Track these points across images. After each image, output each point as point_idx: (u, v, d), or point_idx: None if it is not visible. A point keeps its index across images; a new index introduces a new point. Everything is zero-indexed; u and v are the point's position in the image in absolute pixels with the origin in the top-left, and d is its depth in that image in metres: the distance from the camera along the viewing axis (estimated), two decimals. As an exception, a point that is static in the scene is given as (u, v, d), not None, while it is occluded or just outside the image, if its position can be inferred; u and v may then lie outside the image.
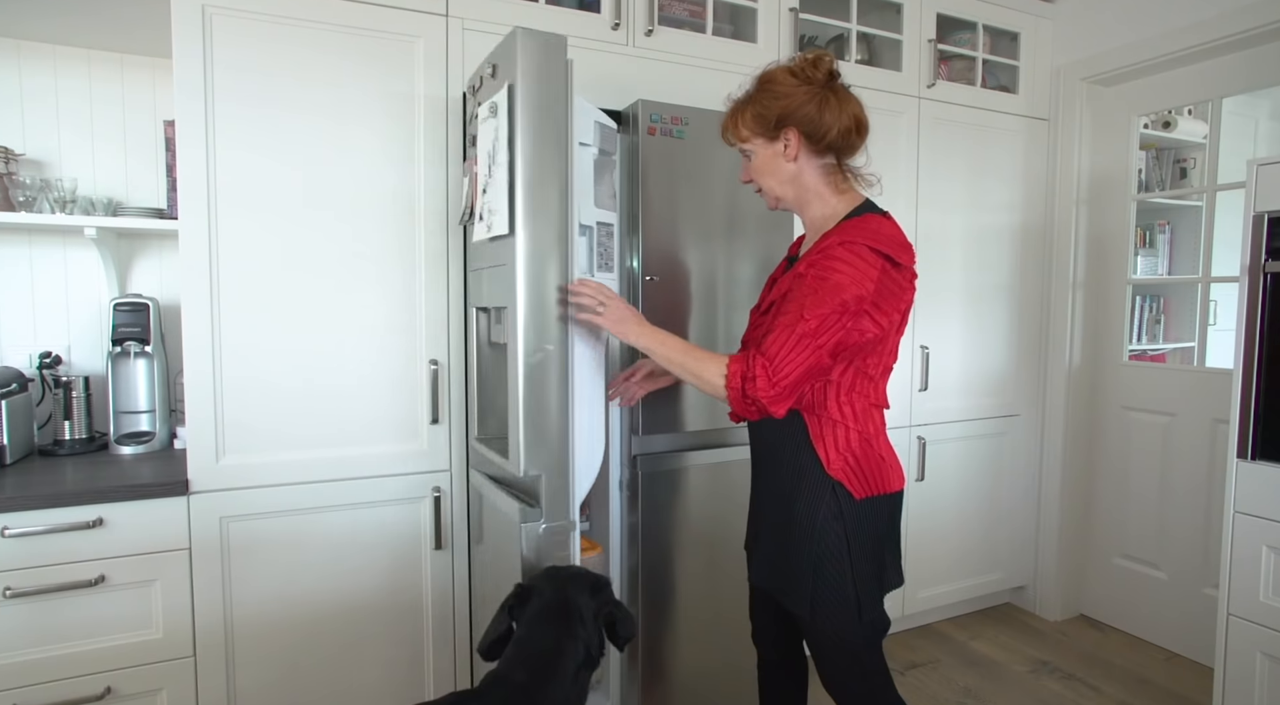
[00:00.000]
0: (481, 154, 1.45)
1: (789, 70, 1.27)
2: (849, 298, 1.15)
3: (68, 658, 1.44)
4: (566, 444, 1.37)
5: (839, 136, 1.25)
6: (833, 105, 1.25)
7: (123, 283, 1.92)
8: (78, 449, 1.76)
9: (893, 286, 1.19)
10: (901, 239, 1.23)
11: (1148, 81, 2.46)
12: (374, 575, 1.71)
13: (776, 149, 1.28)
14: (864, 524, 1.24)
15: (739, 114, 1.31)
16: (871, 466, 1.25)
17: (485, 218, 1.43)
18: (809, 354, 1.16)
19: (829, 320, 1.16)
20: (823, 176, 1.29)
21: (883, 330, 1.20)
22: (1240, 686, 1.61)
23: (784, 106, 1.25)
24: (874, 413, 1.27)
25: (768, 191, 1.34)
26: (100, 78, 1.88)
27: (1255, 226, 1.58)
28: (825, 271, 1.18)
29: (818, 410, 1.25)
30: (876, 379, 1.27)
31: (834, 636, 1.27)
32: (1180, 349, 2.89)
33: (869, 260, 1.17)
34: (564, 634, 1.17)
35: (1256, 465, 1.59)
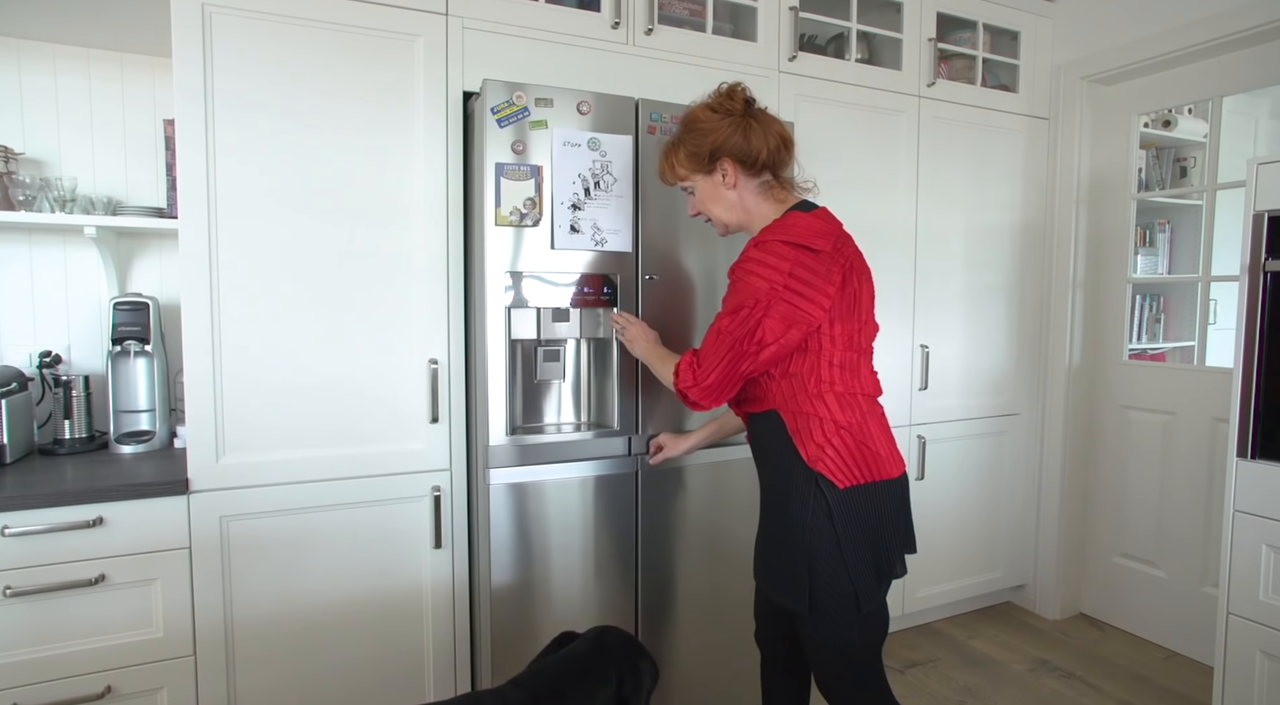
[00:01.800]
0: (571, 174, 1.65)
1: (709, 108, 1.37)
2: (761, 295, 1.23)
3: (68, 657, 1.45)
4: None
5: (770, 156, 1.34)
6: (756, 130, 1.33)
7: (123, 282, 1.92)
8: (78, 448, 1.76)
9: (816, 270, 1.23)
10: (819, 228, 1.27)
11: (1148, 80, 2.46)
12: (374, 574, 1.71)
13: (715, 180, 1.37)
14: (853, 513, 1.25)
15: (672, 156, 1.40)
16: (852, 454, 1.26)
17: (587, 231, 1.68)
18: (728, 350, 1.26)
19: (741, 317, 1.24)
20: (762, 195, 1.37)
21: (814, 316, 1.24)
22: (1240, 685, 1.61)
23: (713, 141, 1.33)
24: (852, 401, 1.29)
25: (716, 220, 1.42)
26: (100, 77, 1.88)
27: (1255, 225, 1.58)
28: (740, 273, 1.28)
29: (790, 406, 1.29)
30: (848, 366, 1.29)
31: (832, 638, 1.27)
32: (1180, 348, 2.89)
33: (779, 253, 1.23)
34: (579, 675, 1.22)
35: (1257, 464, 1.59)
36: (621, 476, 1.77)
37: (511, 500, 1.67)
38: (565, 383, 1.81)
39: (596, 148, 1.68)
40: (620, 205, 1.71)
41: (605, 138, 1.68)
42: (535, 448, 1.70)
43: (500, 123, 1.60)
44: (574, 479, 1.72)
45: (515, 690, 1.16)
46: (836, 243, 1.27)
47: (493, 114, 1.59)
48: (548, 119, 1.63)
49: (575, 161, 1.66)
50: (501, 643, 1.68)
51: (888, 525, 1.29)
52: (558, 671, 1.21)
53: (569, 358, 1.81)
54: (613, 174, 1.70)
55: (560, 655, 1.24)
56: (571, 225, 1.67)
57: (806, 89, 2.18)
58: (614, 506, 1.76)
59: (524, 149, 1.62)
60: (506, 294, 1.64)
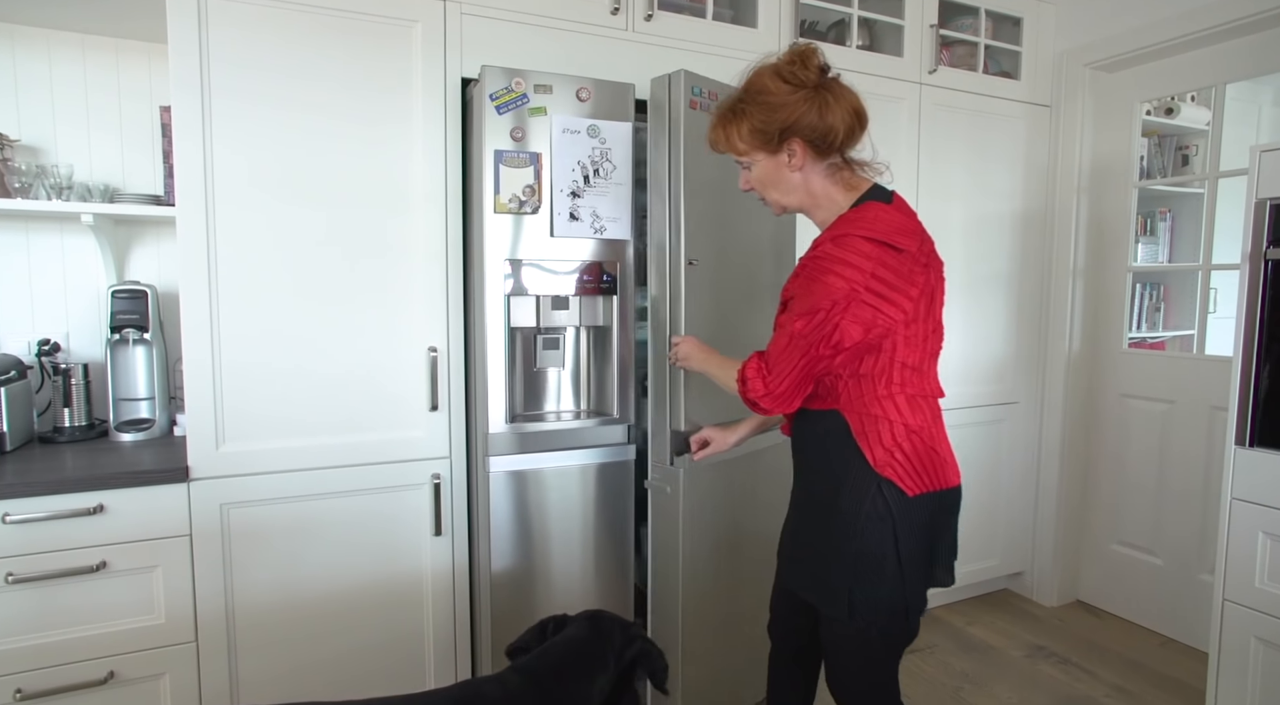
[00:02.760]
0: (570, 161, 1.63)
1: (779, 75, 1.20)
2: (839, 296, 1.12)
3: (71, 642, 1.45)
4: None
5: (845, 136, 1.20)
6: (833, 106, 1.18)
7: (120, 270, 1.92)
8: (77, 436, 1.76)
9: (899, 271, 1.14)
10: (902, 223, 1.17)
11: (1151, 67, 2.44)
12: (374, 561, 1.72)
13: (779, 161, 1.23)
14: (917, 523, 1.19)
15: (732, 127, 1.25)
16: (923, 461, 1.19)
17: (587, 219, 1.66)
18: (801, 355, 1.16)
19: (818, 320, 1.14)
20: (830, 178, 1.24)
21: (894, 319, 1.15)
22: (1234, 671, 1.62)
23: (784, 118, 1.18)
24: (922, 404, 1.21)
25: (772, 202, 1.30)
26: (95, 63, 1.87)
27: (1257, 213, 1.58)
28: (815, 271, 1.16)
29: (857, 407, 1.20)
30: (918, 368, 1.20)
31: (861, 639, 1.22)
32: (1180, 337, 2.89)
33: (863, 252, 1.13)
34: (579, 660, 1.22)
35: (1255, 452, 1.59)
36: (620, 464, 1.78)
37: (511, 488, 1.67)
38: (565, 371, 1.82)
39: (596, 135, 1.67)
40: (620, 193, 1.71)
41: (605, 125, 1.68)
42: (534, 435, 1.70)
43: (499, 109, 1.59)
44: (573, 466, 1.73)
45: (515, 676, 1.17)
46: (920, 241, 1.18)
47: (491, 101, 1.58)
48: (547, 106, 1.63)
49: (575, 148, 1.65)
50: (501, 629, 1.69)
51: (943, 535, 1.24)
52: (558, 657, 1.21)
53: (568, 346, 1.81)
54: (612, 161, 1.69)
55: (558, 640, 1.25)
56: (571, 213, 1.67)
57: (807, 76, 2.16)
58: (613, 494, 1.77)
59: (523, 136, 1.61)
60: (506, 282, 1.64)
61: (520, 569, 1.70)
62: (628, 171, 1.71)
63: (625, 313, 1.75)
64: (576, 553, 1.75)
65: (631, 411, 1.78)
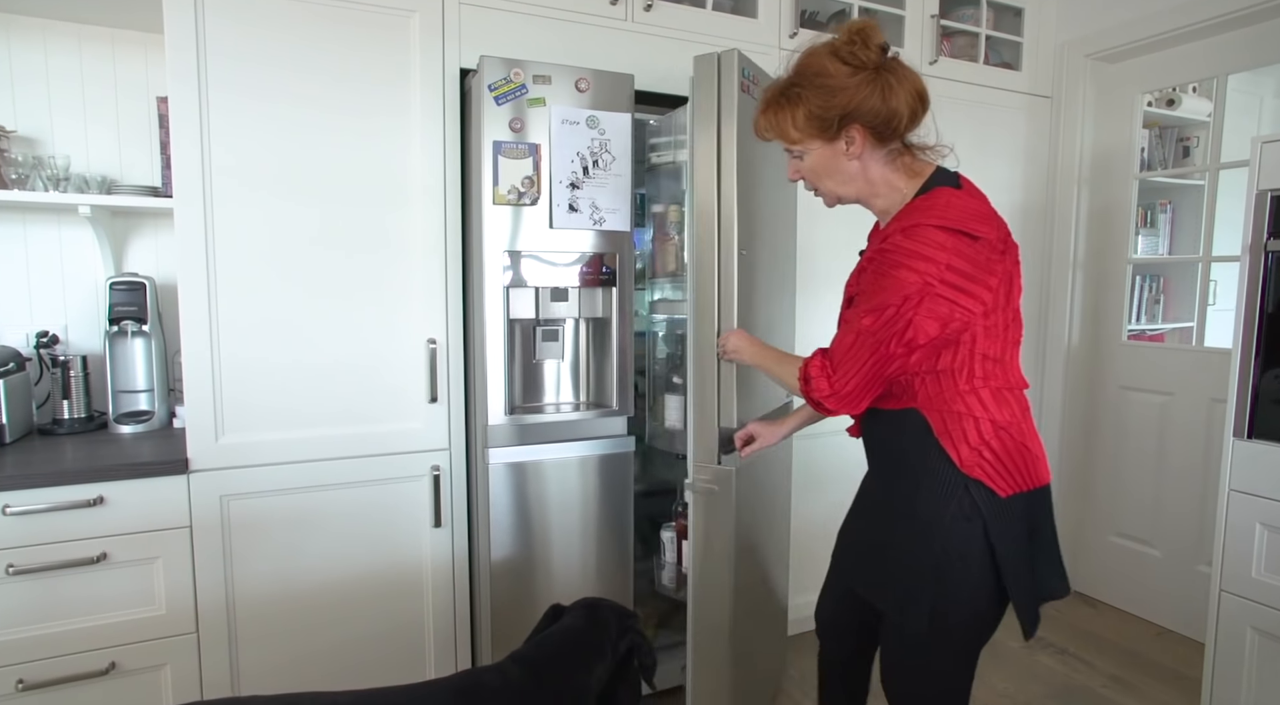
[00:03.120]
0: (569, 152, 1.62)
1: (837, 56, 1.10)
2: (912, 291, 1.04)
3: (72, 633, 1.46)
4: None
5: (908, 121, 1.12)
6: (895, 88, 1.10)
7: (118, 261, 1.91)
8: (77, 428, 1.76)
9: (976, 260, 1.06)
10: (976, 209, 1.10)
11: (1152, 58, 2.43)
12: (374, 553, 1.72)
13: (837, 149, 1.14)
14: (1010, 523, 1.11)
15: (784, 113, 1.15)
16: (1014, 458, 1.11)
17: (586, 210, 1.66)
18: (870, 353, 1.08)
19: (888, 316, 1.06)
20: (889, 164, 1.16)
21: (973, 312, 1.07)
22: (1230, 661, 1.63)
23: (844, 103, 1.10)
24: (1009, 396, 1.13)
25: (827, 193, 1.21)
26: (91, 53, 1.86)
27: (1258, 204, 1.57)
28: (885, 265, 1.08)
29: (937, 405, 1.12)
30: (1000, 359, 1.12)
31: (935, 646, 1.15)
32: (1179, 329, 2.89)
33: (937, 242, 1.04)
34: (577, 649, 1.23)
35: (1253, 444, 1.59)
36: (620, 456, 1.78)
37: (510, 479, 1.67)
38: (564, 362, 1.81)
39: (595, 126, 1.66)
40: (619, 184, 1.70)
41: (604, 116, 1.67)
42: (534, 427, 1.70)
43: (498, 100, 1.58)
44: (573, 458, 1.73)
45: (515, 665, 1.18)
46: (997, 227, 1.10)
47: (490, 91, 1.58)
48: (546, 96, 1.62)
49: (574, 139, 1.65)
50: (501, 620, 1.69)
51: (1042, 536, 1.17)
52: (557, 647, 1.22)
53: (568, 337, 1.81)
54: (611, 152, 1.68)
55: (556, 630, 1.26)
56: (570, 204, 1.66)
57: (807, 66, 2.15)
58: (612, 485, 1.77)
59: (522, 127, 1.60)
60: (505, 274, 1.63)
61: (520, 560, 1.70)
62: (627, 163, 1.70)
63: (624, 304, 1.75)
64: (576, 544, 1.75)
65: (631, 404, 1.78)
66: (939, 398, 1.12)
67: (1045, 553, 1.18)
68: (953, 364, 1.11)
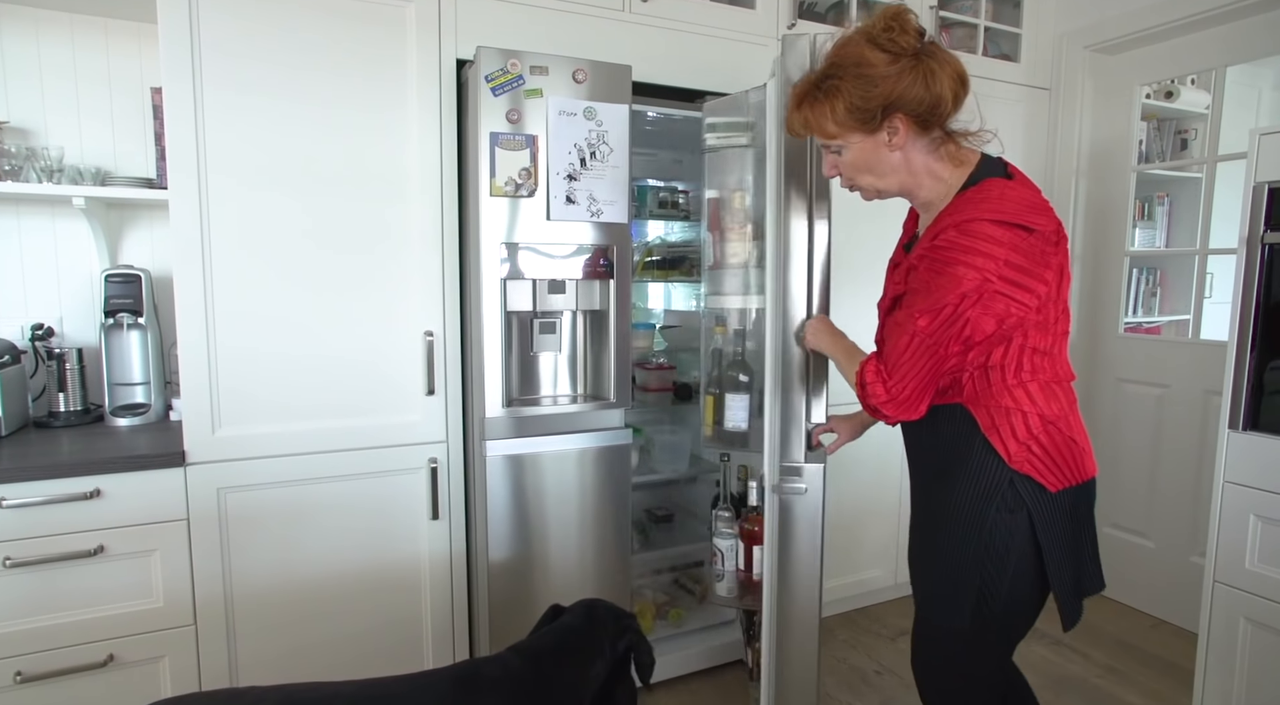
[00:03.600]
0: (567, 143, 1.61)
1: (874, 44, 1.07)
2: (969, 288, 1.02)
3: (69, 626, 1.46)
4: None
5: (952, 106, 1.08)
6: (938, 73, 1.06)
7: (114, 254, 1.90)
8: (73, 420, 1.75)
9: (1031, 254, 1.03)
10: (1031, 200, 1.06)
11: (1151, 50, 2.42)
12: (372, 545, 1.72)
13: (878, 141, 1.10)
14: (1059, 520, 1.09)
15: (823, 107, 1.11)
16: (1062, 452, 1.09)
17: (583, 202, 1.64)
18: (928, 356, 1.06)
19: (945, 316, 1.04)
20: (932, 153, 1.12)
21: (1029, 306, 1.05)
22: (1223, 651, 1.64)
23: (886, 92, 1.06)
24: (1057, 390, 1.11)
25: (866, 187, 1.17)
26: (84, 43, 1.84)
27: (1255, 197, 1.57)
28: (939, 263, 1.05)
29: (984, 400, 1.10)
30: (1048, 352, 1.11)
31: (970, 640, 1.15)
32: (1175, 321, 2.90)
33: (993, 237, 1.01)
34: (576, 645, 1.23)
35: (1247, 436, 1.60)
36: (618, 448, 1.78)
37: (508, 471, 1.68)
38: (561, 355, 1.81)
39: (593, 117, 1.66)
40: (617, 176, 1.69)
41: (601, 107, 1.66)
42: (531, 420, 1.70)
43: (495, 91, 1.57)
44: (570, 450, 1.73)
45: (515, 657, 1.18)
46: (1051, 218, 1.07)
47: (487, 82, 1.57)
48: (543, 87, 1.61)
49: (571, 131, 1.64)
50: (499, 611, 1.70)
51: (1085, 530, 1.16)
52: (556, 641, 1.23)
53: (565, 330, 1.80)
54: (609, 144, 1.68)
55: (556, 626, 1.26)
56: (567, 196, 1.66)
57: (805, 58, 2.14)
58: (610, 477, 1.77)
59: (519, 118, 1.60)
60: (502, 266, 1.63)
61: (518, 552, 1.71)
62: (625, 154, 1.69)
63: (622, 297, 1.74)
64: (574, 536, 1.76)
65: (629, 396, 1.78)
66: (986, 393, 1.10)
67: (1088, 547, 1.17)
68: (1003, 359, 1.09)
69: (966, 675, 1.19)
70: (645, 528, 2.28)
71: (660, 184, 2.24)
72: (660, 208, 2.15)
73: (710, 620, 2.19)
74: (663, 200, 2.15)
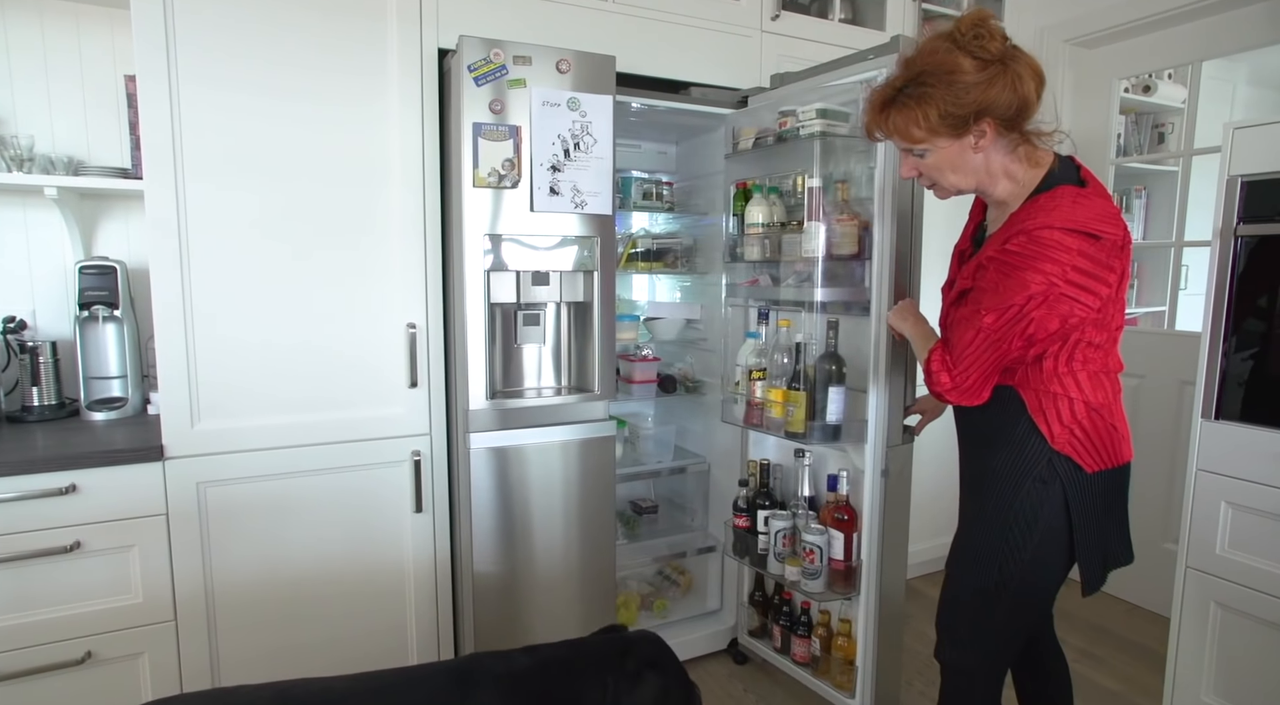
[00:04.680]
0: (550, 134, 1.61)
1: (964, 51, 1.10)
2: (1036, 291, 1.08)
3: (46, 623, 1.44)
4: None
5: (1036, 108, 1.13)
6: (1024, 78, 1.11)
7: (88, 245, 1.87)
8: (47, 415, 1.72)
9: (1097, 259, 1.09)
10: (1102, 209, 1.10)
11: (1130, 44, 2.45)
12: (355, 538, 1.71)
13: (965, 144, 1.15)
14: (1092, 499, 1.19)
15: (913, 112, 1.14)
16: (1102, 437, 1.18)
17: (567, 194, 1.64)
18: (990, 350, 1.14)
19: (1010, 315, 1.11)
20: (1010, 153, 1.17)
21: (1091, 307, 1.12)
22: (1194, 634, 1.68)
23: (979, 99, 1.10)
24: (1104, 380, 1.19)
25: (948, 187, 1.22)
26: (54, 28, 1.80)
27: (1229, 190, 1.60)
28: (1009, 267, 1.10)
29: (1034, 385, 1.18)
30: (1101, 345, 1.18)
31: (995, 603, 1.23)
32: (1152, 313, 2.95)
33: (1063, 246, 1.07)
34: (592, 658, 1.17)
35: (1220, 424, 1.63)
36: (602, 440, 1.78)
37: (492, 464, 1.67)
38: (545, 347, 1.81)
39: (576, 108, 1.65)
40: (601, 167, 1.69)
41: (585, 98, 1.65)
42: (515, 412, 1.70)
43: (477, 81, 1.56)
44: (554, 442, 1.73)
45: (525, 656, 1.14)
46: (1120, 226, 1.11)
47: (470, 72, 1.55)
48: (526, 78, 1.60)
49: (555, 122, 1.63)
50: (484, 603, 1.70)
51: (1116, 510, 1.24)
52: (572, 652, 1.16)
53: (549, 322, 1.80)
54: (593, 135, 1.67)
55: (577, 640, 1.21)
56: (551, 187, 1.65)
57: (789, 49, 2.14)
58: (594, 469, 1.77)
59: (502, 108, 1.58)
60: (485, 257, 1.62)
61: (502, 544, 1.70)
62: (609, 145, 1.69)
63: (606, 288, 1.74)
64: (559, 527, 1.76)
65: (613, 388, 1.78)
66: (1037, 378, 1.18)
67: (1117, 524, 1.25)
68: (1059, 351, 1.16)
69: (985, 636, 1.27)
70: (630, 519, 2.29)
71: (645, 175, 2.23)
72: (645, 199, 2.14)
73: (694, 611, 2.21)
74: (647, 192, 2.15)
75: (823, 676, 1.88)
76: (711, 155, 2.13)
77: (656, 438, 2.22)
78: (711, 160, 2.14)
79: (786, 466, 1.99)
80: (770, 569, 1.87)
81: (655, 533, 2.26)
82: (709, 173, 2.17)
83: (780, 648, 2.01)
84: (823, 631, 1.89)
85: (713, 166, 2.13)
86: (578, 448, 1.75)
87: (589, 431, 1.76)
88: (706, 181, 2.20)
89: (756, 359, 1.83)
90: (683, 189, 2.31)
